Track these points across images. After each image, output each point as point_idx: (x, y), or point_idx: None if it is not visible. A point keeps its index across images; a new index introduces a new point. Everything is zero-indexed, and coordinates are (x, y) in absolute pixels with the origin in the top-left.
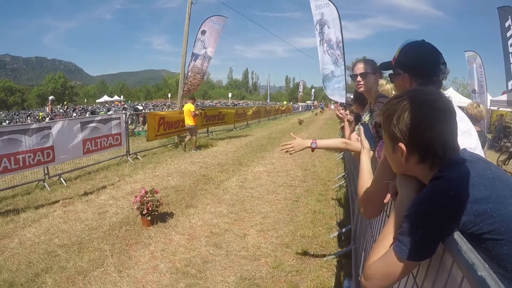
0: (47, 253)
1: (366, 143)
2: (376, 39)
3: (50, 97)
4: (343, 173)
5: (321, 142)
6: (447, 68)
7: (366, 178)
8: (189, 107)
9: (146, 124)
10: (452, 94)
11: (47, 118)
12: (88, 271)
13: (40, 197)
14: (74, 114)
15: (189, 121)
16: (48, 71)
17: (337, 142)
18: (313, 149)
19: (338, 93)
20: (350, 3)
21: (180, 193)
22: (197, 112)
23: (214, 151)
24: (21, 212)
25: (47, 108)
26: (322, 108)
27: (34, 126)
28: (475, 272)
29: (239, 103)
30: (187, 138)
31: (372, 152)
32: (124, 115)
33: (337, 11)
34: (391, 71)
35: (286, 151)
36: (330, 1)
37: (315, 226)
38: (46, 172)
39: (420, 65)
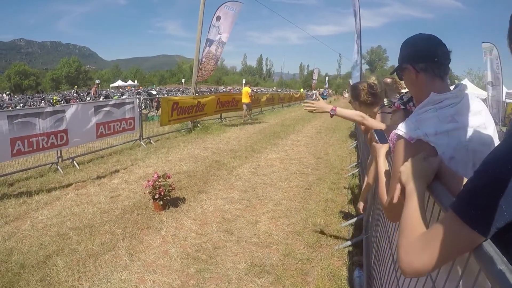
0: (58, 236)
1: (385, 146)
2: (391, 28)
3: (97, 80)
4: (356, 162)
5: (340, 111)
6: (448, 49)
7: (385, 184)
8: (247, 89)
9: (160, 109)
10: (468, 85)
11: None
12: (99, 254)
13: (53, 180)
14: (88, 98)
15: (245, 99)
16: (63, 55)
17: (354, 114)
18: (332, 115)
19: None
20: None
21: (192, 178)
22: (252, 93)
23: (227, 137)
24: (34, 195)
25: (92, 90)
26: (324, 99)
27: (48, 109)
28: (494, 265)
29: (253, 90)
30: (245, 111)
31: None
32: (137, 99)
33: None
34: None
35: (308, 110)
36: None
37: (327, 215)
38: (59, 155)
39: (417, 49)
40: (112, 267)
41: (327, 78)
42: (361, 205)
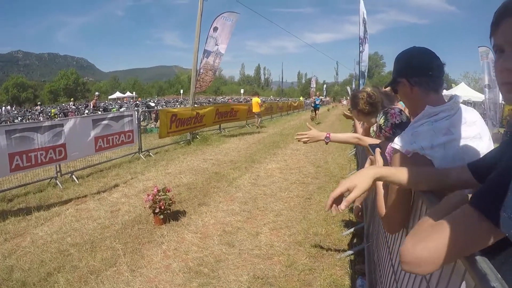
0: (59, 252)
1: (380, 159)
2: (388, 34)
3: (96, 93)
4: (356, 170)
5: (335, 136)
6: (443, 62)
7: (383, 199)
8: (256, 100)
9: (159, 121)
10: (464, 89)
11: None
12: (101, 270)
13: (52, 195)
14: (86, 111)
15: (256, 109)
16: (61, 67)
17: (350, 136)
18: (326, 142)
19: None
20: None
21: (192, 191)
22: (261, 103)
23: (227, 148)
24: (33, 211)
25: (92, 102)
26: (317, 108)
27: (46, 123)
28: (488, 282)
29: (251, 99)
30: (257, 120)
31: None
32: (136, 112)
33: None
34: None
35: (300, 140)
36: None
37: (328, 224)
38: (58, 169)
39: (411, 63)
40: (114, 283)
41: (325, 85)
42: (358, 208)
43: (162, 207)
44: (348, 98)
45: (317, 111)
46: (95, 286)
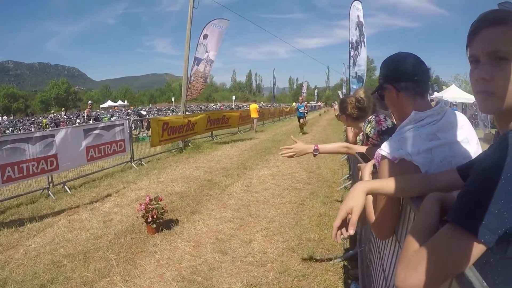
0: (52, 264)
1: (369, 168)
2: (378, 38)
3: (89, 102)
4: (348, 174)
5: (323, 147)
6: (428, 67)
7: (372, 206)
8: (255, 106)
9: (150, 129)
10: (455, 91)
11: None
12: (94, 281)
13: (45, 206)
14: (78, 121)
15: (254, 115)
16: (52, 76)
17: (339, 146)
18: (315, 155)
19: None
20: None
21: (185, 199)
22: (259, 109)
23: (219, 155)
24: (26, 222)
25: (86, 111)
26: (302, 116)
27: (37, 134)
28: None
29: (243, 106)
30: (254, 126)
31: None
32: (127, 121)
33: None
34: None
35: (287, 156)
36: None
37: (321, 230)
38: (50, 180)
39: (397, 68)
40: None
41: (316, 90)
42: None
43: (155, 216)
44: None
45: (302, 120)
46: None
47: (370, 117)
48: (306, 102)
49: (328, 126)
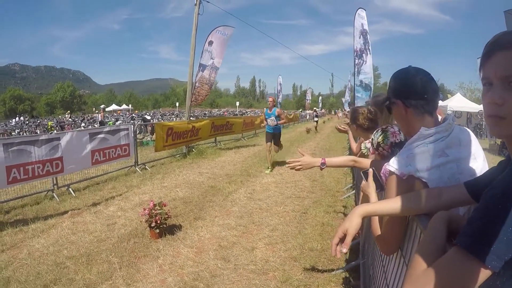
0: (55, 265)
1: (372, 186)
2: (382, 45)
3: (102, 106)
4: (352, 184)
5: (330, 161)
6: (437, 86)
7: (378, 221)
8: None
9: (155, 134)
10: (460, 100)
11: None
12: (97, 283)
13: (49, 207)
14: (83, 125)
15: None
16: (57, 79)
17: (346, 160)
18: (322, 168)
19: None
20: (349, 9)
21: (188, 205)
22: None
23: (222, 161)
24: (30, 223)
25: (100, 115)
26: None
27: (43, 137)
28: None
29: (246, 112)
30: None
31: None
32: (132, 125)
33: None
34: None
35: (293, 168)
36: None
37: (324, 239)
38: (55, 182)
39: (408, 85)
40: None
41: (320, 97)
42: None
43: (158, 222)
44: (343, 110)
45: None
46: None
47: (384, 127)
48: (280, 110)
49: (332, 133)
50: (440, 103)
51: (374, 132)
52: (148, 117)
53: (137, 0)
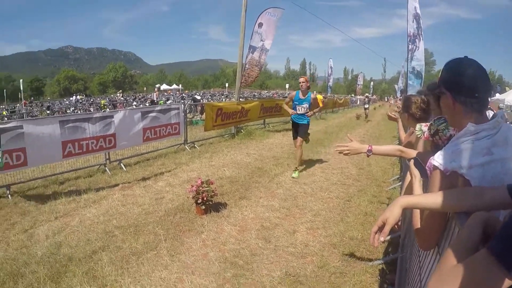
0: (105, 233)
1: (416, 172)
2: (438, 29)
3: (157, 85)
4: (398, 175)
5: (377, 149)
6: (492, 84)
7: (419, 215)
8: (320, 96)
9: (204, 113)
10: None
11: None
12: (142, 252)
13: (101, 180)
14: (135, 103)
15: (320, 104)
16: (109, 60)
17: (392, 149)
18: (368, 155)
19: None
20: None
21: (234, 184)
22: (323, 100)
23: (270, 143)
24: (83, 193)
25: (154, 94)
26: (300, 125)
27: (97, 115)
28: None
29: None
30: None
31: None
32: (182, 105)
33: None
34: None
35: (340, 152)
36: None
37: (365, 229)
38: (107, 157)
39: (460, 80)
40: (153, 266)
41: (371, 83)
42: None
43: (205, 199)
44: (394, 97)
45: (302, 138)
46: (135, 267)
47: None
48: (318, 93)
49: (382, 121)
50: (497, 96)
51: (435, 119)
52: (198, 97)
53: None
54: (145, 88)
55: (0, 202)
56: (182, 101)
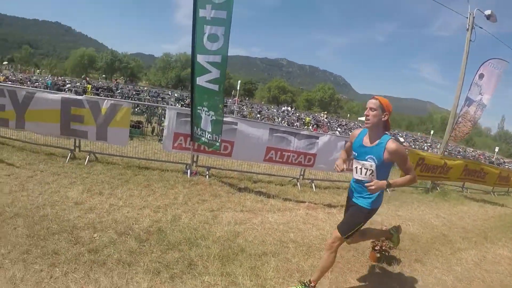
0: (280, 241)
1: None
2: None
3: (360, 118)
4: None
5: None
6: None
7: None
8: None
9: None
10: None
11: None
12: (307, 273)
13: (290, 192)
14: (339, 129)
15: None
16: (319, 80)
17: None
18: None
19: None
20: None
21: (414, 243)
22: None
23: (464, 211)
24: (271, 198)
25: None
26: None
27: (304, 132)
28: None
29: (504, 162)
30: None
31: None
32: None
33: None
34: None
35: None
36: None
37: None
38: (301, 173)
39: None
40: None
41: None
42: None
43: (383, 247)
44: None
45: (339, 231)
46: (294, 282)
47: None
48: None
49: None
50: None
51: None
52: (402, 139)
53: (404, 13)
54: (348, 115)
55: (199, 179)
56: None
